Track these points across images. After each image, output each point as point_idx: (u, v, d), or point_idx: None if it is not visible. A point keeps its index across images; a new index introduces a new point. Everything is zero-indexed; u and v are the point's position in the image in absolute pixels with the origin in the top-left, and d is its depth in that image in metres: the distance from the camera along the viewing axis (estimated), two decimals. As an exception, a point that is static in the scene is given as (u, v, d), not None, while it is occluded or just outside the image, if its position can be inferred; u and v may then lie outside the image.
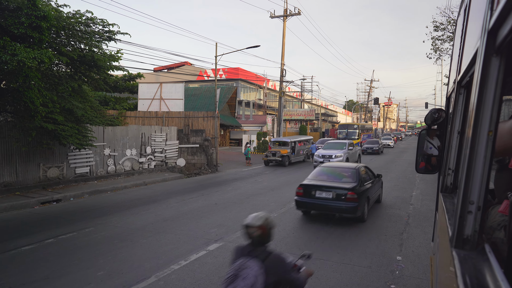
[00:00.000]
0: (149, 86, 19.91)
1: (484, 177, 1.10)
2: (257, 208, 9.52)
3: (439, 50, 28.50)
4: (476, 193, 1.12)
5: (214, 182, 14.81)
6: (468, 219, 1.16)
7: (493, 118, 1.04)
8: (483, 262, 1.05)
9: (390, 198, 11.06)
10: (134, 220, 8.37)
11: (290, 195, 11.35)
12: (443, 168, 2.62)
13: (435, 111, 2.82)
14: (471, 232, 1.16)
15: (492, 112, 1.04)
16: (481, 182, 1.10)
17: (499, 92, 1.03)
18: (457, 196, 1.37)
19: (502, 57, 1.02)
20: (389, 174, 16.88)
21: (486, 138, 1.06)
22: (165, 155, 17.87)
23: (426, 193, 12.05)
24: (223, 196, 11.49)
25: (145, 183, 14.17)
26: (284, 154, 20.27)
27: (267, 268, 2.26)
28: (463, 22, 2.03)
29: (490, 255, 1.07)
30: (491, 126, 1.04)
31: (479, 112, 1.06)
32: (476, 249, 1.15)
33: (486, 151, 1.07)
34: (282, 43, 29.20)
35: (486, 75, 1.04)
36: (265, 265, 2.26)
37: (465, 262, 1.08)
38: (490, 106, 1.04)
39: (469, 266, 1.05)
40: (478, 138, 1.08)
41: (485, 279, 0.97)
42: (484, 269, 1.01)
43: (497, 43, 1.00)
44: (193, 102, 32.12)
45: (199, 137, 18.99)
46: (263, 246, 2.38)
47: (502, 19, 0.92)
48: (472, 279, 0.98)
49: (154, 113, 19.47)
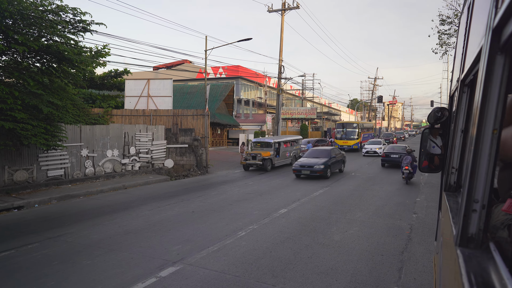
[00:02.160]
0: (136, 82, 18.80)
1: (488, 175, 1.09)
2: (236, 218, 8.35)
3: (445, 44, 27.21)
4: (480, 191, 1.12)
5: (200, 185, 13.67)
6: (472, 217, 1.15)
7: (498, 116, 1.04)
8: (488, 260, 1.05)
9: (391, 205, 9.84)
10: (91, 232, 7.24)
11: (280, 201, 10.17)
12: (446, 167, 2.60)
13: (438, 110, 2.80)
14: (475, 231, 1.15)
15: (497, 110, 1.03)
16: (485, 181, 1.10)
17: (504, 90, 1.02)
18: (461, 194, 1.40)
19: (507, 55, 1.00)
20: (391, 176, 15.62)
21: (490, 136, 1.05)
22: (151, 155, 16.76)
23: (431, 199, 10.79)
24: (205, 202, 10.33)
25: (124, 187, 13.06)
26: (265, 157, 17.69)
27: None
28: (467, 20, 2.02)
29: (495, 253, 1.07)
30: (496, 124, 1.04)
31: (484, 111, 1.06)
32: (481, 247, 1.15)
33: (490, 149, 1.06)
34: (280, 38, 28.00)
35: (491, 74, 1.04)
36: None
37: (470, 261, 1.08)
38: (495, 104, 1.03)
39: (474, 265, 1.04)
40: (482, 136, 1.07)
41: (490, 278, 0.96)
42: (489, 267, 1.01)
43: (502, 41, 0.99)
44: (188, 100, 31.06)
45: (188, 136, 17.86)
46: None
47: (507, 17, 0.92)
48: (477, 277, 0.98)
49: (142, 111, 18.36)
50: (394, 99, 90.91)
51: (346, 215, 8.64)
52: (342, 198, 10.77)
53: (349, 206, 9.71)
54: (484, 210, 1.12)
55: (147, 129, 16.72)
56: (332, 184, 13.64)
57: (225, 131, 34.58)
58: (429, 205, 9.92)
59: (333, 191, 12.11)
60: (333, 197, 10.93)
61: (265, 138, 19.62)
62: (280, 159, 18.89)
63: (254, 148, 19.03)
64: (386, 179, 14.82)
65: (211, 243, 6.46)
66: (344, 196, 11.09)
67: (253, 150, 18.67)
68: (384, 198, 10.82)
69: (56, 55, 10.55)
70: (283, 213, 8.84)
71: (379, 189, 12.50)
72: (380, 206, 9.77)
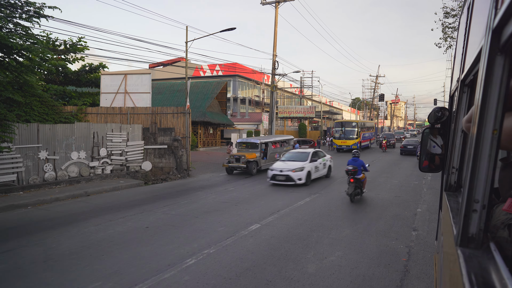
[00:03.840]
0: (113, 78, 17.27)
1: (488, 175, 1.09)
2: (194, 237, 6.80)
3: (450, 38, 25.59)
4: (481, 191, 1.11)
5: (173, 192, 12.14)
6: (473, 217, 1.15)
7: (498, 117, 1.03)
8: (488, 260, 1.04)
9: (387, 218, 8.25)
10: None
11: (255, 213, 8.62)
12: (446, 166, 2.61)
13: (438, 109, 2.78)
14: (476, 231, 1.15)
15: (497, 111, 1.03)
16: (486, 181, 1.10)
17: (504, 91, 1.02)
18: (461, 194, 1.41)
19: (507, 56, 1.00)
20: (390, 181, 14.01)
21: (490, 137, 1.05)
22: (126, 157, 15.24)
23: (435, 209, 9.19)
24: (168, 214, 8.80)
25: (86, 194, 11.54)
26: (250, 159, 15.84)
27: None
28: (466, 21, 2.02)
29: (495, 253, 1.06)
30: (496, 125, 1.04)
31: (484, 111, 1.06)
32: (482, 247, 1.14)
33: (490, 150, 1.06)
34: (274, 32, 26.41)
35: (491, 74, 1.03)
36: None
37: (470, 261, 1.08)
38: (495, 105, 1.03)
39: (475, 265, 1.04)
40: (482, 137, 1.07)
41: (490, 278, 0.96)
42: (490, 267, 1.00)
43: (502, 42, 0.99)
44: (178, 98, 29.58)
45: (168, 136, 16.33)
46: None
47: (507, 18, 0.92)
48: (478, 277, 0.98)
49: (118, 109, 16.83)
50: (397, 98, 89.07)
51: (331, 233, 7.07)
52: (330, 209, 9.19)
53: (336, 219, 8.14)
54: (485, 210, 1.12)
55: (120, 129, 15.20)
56: (321, 191, 12.06)
57: (218, 131, 33.03)
58: (432, 218, 8.33)
59: (321, 199, 10.52)
60: (319, 208, 9.36)
61: (251, 138, 17.98)
62: (268, 161, 17.23)
63: (239, 149, 17.44)
64: (383, 185, 13.22)
65: (143, 278, 4.91)
66: (332, 207, 9.51)
67: (238, 152, 17.10)
68: (379, 209, 9.23)
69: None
70: (254, 230, 7.28)
71: (374, 196, 10.90)
72: (373, 219, 8.19)
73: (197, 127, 28.61)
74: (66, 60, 18.50)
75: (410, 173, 16.40)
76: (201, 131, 29.22)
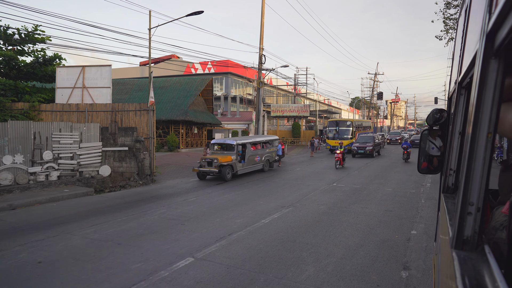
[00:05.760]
0: (70, 70, 15.22)
1: (483, 178, 1.09)
2: (90, 283, 4.74)
3: (451, 29, 23.54)
4: (475, 194, 1.11)
5: (122, 203, 10.10)
6: (468, 220, 1.15)
7: (492, 120, 1.03)
8: (482, 263, 1.05)
9: (370, 247, 6.17)
10: None
11: (200, 236, 6.51)
12: (444, 168, 2.60)
13: (436, 111, 2.80)
14: (471, 233, 1.15)
15: (491, 114, 1.03)
16: (480, 184, 1.09)
17: (498, 94, 1.02)
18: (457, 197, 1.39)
19: (501, 59, 1.01)
20: (383, 188, 11.93)
21: (485, 140, 1.05)
22: (78, 161, 13.19)
23: (433, 231, 7.10)
24: (89, 237, 6.75)
25: (11, 207, 9.49)
26: (224, 163, 13.93)
27: None
28: (464, 23, 2.03)
29: (489, 256, 1.07)
30: (490, 128, 1.04)
31: (478, 114, 1.06)
32: (476, 250, 1.14)
33: (485, 152, 1.06)
34: (260, 23, 24.37)
35: (485, 78, 1.03)
36: None
37: (464, 263, 1.08)
38: (489, 108, 1.03)
39: (469, 267, 1.05)
40: (477, 140, 1.07)
41: (484, 280, 0.96)
42: (483, 270, 1.01)
43: (496, 45, 0.99)
44: (159, 95, 27.53)
45: (129, 137, 14.28)
46: None
47: (500, 22, 0.92)
48: (472, 280, 0.98)
49: (75, 106, 14.78)
50: (397, 97, 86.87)
51: (286, 274, 5.01)
52: (299, 231, 7.12)
53: (300, 249, 6.07)
54: (479, 213, 1.12)
55: (71, 128, 13.16)
56: (297, 203, 9.98)
57: (204, 131, 30.98)
58: (430, 246, 6.26)
59: (292, 216, 8.45)
60: (285, 229, 7.29)
61: (227, 139, 15.87)
62: (246, 165, 15.13)
63: (213, 151, 15.36)
64: (373, 194, 11.13)
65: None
66: (303, 227, 7.44)
67: (213, 154, 15.03)
68: (363, 231, 7.16)
69: None
70: (180, 268, 5.22)
71: (360, 211, 8.83)
72: (351, 248, 6.12)
73: (179, 127, 26.56)
74: (23, 52, 16.48)
75: (406, 179, 14.32)
76: (183, 131, 27.16)
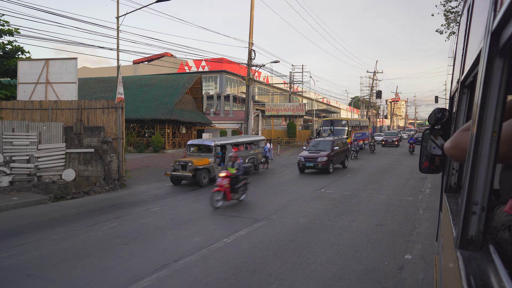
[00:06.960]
0: (32, 64, 13.81)
1: (488, 178, 1.07)
2: None
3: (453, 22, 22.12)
4: (480, 194, 1.09)
5: (73, 214, 8.70)
6: (472, 220, 1.13)
7: (497, 119, 1.02)
8: (487, 263, 1.03)
9: (350, 280, 4.75)
10: None
11: (136, 265, 5.07)
12: (446, 167, 2.61)
13: (438, 110, 2.78)
14: (475, 233, 1.13)
15: (496, 113, 1.02)
16: (485, 183, 1.07)
17: (503, 93, 1.00)
18: (461, 196, 1.39)
19: (506, 58, 0.99)
20: (376, 196, 10.50)
21: (490, 139, 1.03)
22: (36, 165, 11.79)
23: (432, 254, 5.68)
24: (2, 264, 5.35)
25: None
26: (199, 167, 12.50)
27: None
28: (466, 22, 2.03)
29: (494, 255, 1.05)
30: (495, 127, 1.02)
31: (483, 114, 1.04)
32: (481, 250, 1.12)
33: (490, 152, 1.04)
34: (250, 17, 22.96)
35: (490, 77, 1.02)
36: None
37: (469, 263, 1.06)
38: (494, 107, 1.01)
39: (474, 267, 1.03)
40: (482, 139, 1.05)
41: (489, 280, 0.94)
42: (489, 270, 0.99)
43: (501, 44, 0.97)
44: (145, 93, 26.14)
45: (96, 137, 12.87)
46: None
47: (506, 21, 0.91)
48: (477, 280, 0.96)
49: (38, 103, 13.39)
50: (397, 96, 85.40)
51: (228, 328, 3.59)
52: (264, 255, 5.70)
53: (259, 283, 4.64)
54: (484, 212, 1.10)
55: (27, 128, 11.76)
56: (273, 215, 8.57)
57: (194, 130, 29.58)
58: (427, 279, 4.83)
59: (262, 233, 7.02)
60: (248, 252, 5.87)
61: (205, 139, 14.37)
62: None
63: (190, 153, 13.93)
64: (364, 203, 9.71)
65: None
66: (271, 249, 6.01)
67: (189, 156, 13.61)
68: (345, 255, 5.73)
69: None
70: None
71: (346, 225, 7.42)
72: (327, 282, 4.70)
73: (165, 126, 25.15)
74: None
75: (404, 184, 12.89)
76: (169, 131, 25.74)
